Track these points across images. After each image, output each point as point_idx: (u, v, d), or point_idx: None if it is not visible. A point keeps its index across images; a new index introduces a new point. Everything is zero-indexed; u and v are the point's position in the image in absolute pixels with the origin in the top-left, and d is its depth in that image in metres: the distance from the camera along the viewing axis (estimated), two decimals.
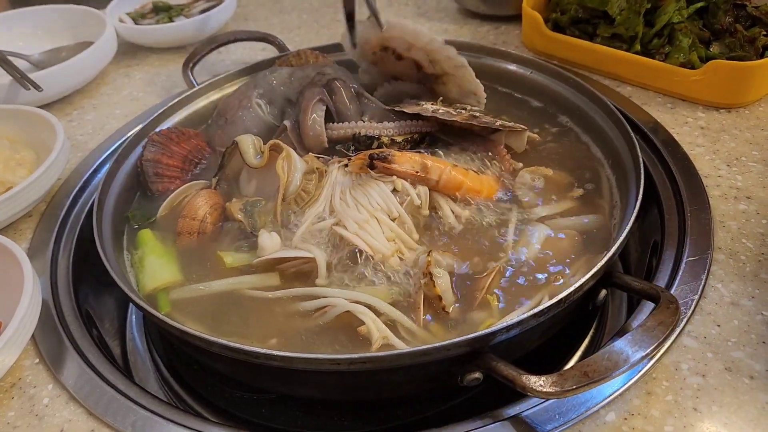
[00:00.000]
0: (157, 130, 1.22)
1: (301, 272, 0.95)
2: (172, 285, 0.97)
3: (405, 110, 1.12)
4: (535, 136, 1.17)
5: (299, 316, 0.90)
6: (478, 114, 1.12)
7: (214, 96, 1.35)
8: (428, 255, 0.90)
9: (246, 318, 0.91)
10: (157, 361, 1.12)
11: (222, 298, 0.94)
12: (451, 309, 0.88)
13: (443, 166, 1.02)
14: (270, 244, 0.95)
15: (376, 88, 1.25)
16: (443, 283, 0.88)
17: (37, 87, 1.42)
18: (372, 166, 0.99)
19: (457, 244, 0.97)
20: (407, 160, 1.01)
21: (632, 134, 1.04)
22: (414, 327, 0.86)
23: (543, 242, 0.95)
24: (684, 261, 0.95)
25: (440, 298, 0.86)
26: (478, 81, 1.19)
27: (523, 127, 1.12)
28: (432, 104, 1.13)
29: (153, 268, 0.98)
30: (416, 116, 1.12)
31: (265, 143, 1.07)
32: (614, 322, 1.08)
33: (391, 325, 0.86)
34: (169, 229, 1.06)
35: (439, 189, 1.02)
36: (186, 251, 1.02)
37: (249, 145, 1.07)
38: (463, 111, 1.11)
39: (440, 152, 1.09)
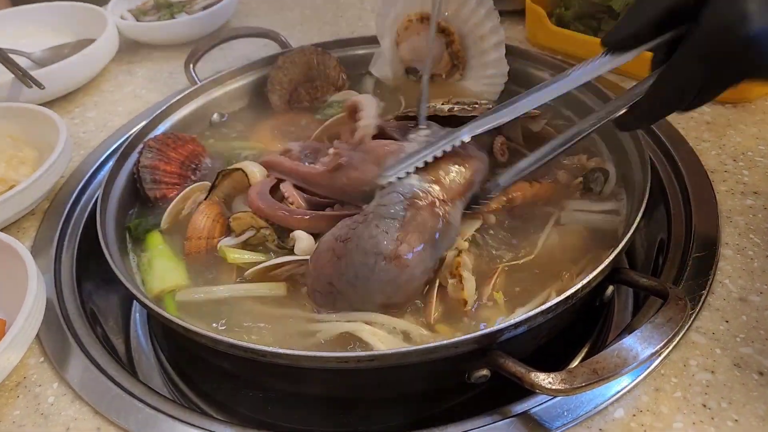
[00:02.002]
0: (161, 130, 1.22)
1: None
2: (178, 288, 0.96)
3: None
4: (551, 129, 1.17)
5: (302, 335, 0.88)
6: (490, 106, 1.11)
7: (216, 93, 1.35)
8: (458, 255, 0.88)
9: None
10: (162, 360, 1.12)
11: (226, 305, 0.93)
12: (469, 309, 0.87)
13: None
14: (307, 243, 0.94)
15: None
16: (471, 288, 0.87)
17: (39, 85, 1.41)
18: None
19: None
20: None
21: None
22: (417, 330, 0.85)
23: (550, 239, 0.95)
24: (691, 257, 0.94)
25: (465, 302, 0.86)
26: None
27: (537, 111, 1.12)
28: (443, 103, 1.12)
29: (162, 271, 0.98)
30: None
31: None
32: (620, 320, 1.08)
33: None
34: (176, 233, 1.05)
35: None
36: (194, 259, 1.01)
37: (257, 175, 1.05)
38: (477, 105, 1.10)
39: None
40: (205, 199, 1.07)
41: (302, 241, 0.94)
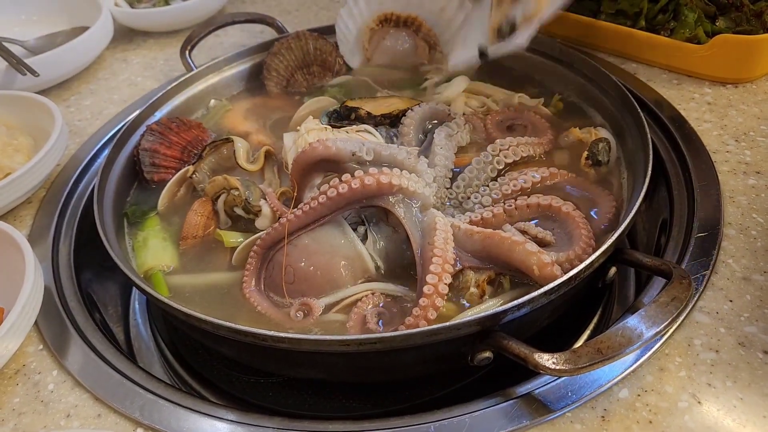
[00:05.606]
0: (157, 117, 1.21)
1: None
2: (168, 268, 0.97)
3: None
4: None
5: None
6: None
7: (212, 79, 1.34)
8: (489, 279, 0.87)
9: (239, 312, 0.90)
10: (162, 347, 1.11)
11: (219, 291, 0.93)
12: None
13: None
14: (266, 221, 0.98)
15: None
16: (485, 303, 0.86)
17: (33, 72, 1.40)
18: None
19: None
20: None
21: (639, 111, 1.02)
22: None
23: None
24: (693, 237, 0.93)
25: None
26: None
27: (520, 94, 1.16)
28: None
29: (156, 248, 0.99)
30: None
31: None
32: (623, 301, 1.07)
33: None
34: (172, 215, 1.06)
35: None
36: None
37: (241, 149, 1.08)
38: None
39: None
40: (193, 165, 1.08)
41: (265, 218, 0.97)
